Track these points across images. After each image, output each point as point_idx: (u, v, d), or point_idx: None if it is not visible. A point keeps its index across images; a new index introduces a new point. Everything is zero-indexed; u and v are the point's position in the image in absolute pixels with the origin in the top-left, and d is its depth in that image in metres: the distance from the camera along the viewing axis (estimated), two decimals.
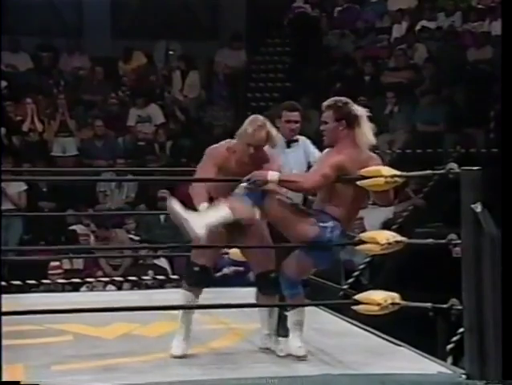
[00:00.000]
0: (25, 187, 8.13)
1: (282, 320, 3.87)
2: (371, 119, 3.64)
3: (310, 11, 10.89)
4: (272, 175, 3.47)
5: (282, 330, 3.86)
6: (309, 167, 4.21)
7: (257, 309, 3.85)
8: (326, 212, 3.52)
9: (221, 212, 3.41)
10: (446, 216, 6.89)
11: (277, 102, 10.66)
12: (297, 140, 4.27)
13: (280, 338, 3.78)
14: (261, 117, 3.73)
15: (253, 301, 3.85)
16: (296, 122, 4.23)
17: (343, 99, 3.63)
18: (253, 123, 3.65)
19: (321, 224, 3.49)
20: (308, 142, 4.37)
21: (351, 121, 3.54)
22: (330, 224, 3.49)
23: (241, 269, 6.43)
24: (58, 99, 9.44)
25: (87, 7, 10.90)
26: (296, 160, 4.23)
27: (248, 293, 4.03)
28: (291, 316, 3.66)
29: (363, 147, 3.55)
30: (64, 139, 9.07)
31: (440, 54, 9.69)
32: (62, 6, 10.83)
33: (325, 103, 3.63)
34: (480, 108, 8.60)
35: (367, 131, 3.54)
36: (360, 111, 3.57)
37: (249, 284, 4.59)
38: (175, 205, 3.39)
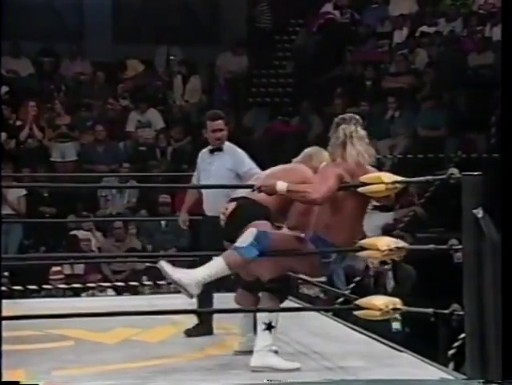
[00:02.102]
0: (24, 192, 8.12)
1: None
2: (372, 124, 3.65)
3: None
4: (281, 185, 3.46)
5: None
6: (237, 175, 4.27)
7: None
8: (328, 241, 3.49)
9: (216, 268, 3.36)
10: (447, 221, 6.89)
11: (278, 107, 10.70)
12: (221, 149, 4.39)
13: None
14: None
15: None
16: (221, 130, 4.40)
17: (344, 116, 3.64)
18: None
19: (323, 260, 3.50)
20: (240, 153, 4.42)
21: (337, 141, 3.56)
22: (333, 256, 3.51)
23: None
24: (58, 104, 9.45)
25: (89, 12, 10.92)
26: (218, 168, 4.35)
27: None
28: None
29: (356, 163, 3.54)
30: (63, 145, 9.07)
31: (441, 59, 9.69)
32: (63, 11, 10.85)
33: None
34: (481, 113, 8.60)
35: (356, 153, 3.52)
36: (348, 133, 3.56)
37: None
38: (165, 267, 3.34)
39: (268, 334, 3.47)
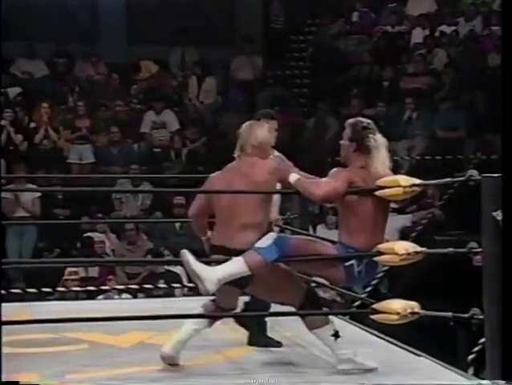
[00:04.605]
0: (39, 194, 8.16)
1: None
2: (389, 125, 3.63)
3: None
4: (293, 177, 3.48)
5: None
6: None
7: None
8: (348, 245, 3.47)
9: (236, 267, 3.35)
10: (467, 223, 6.86)
11: (294, 107, 10.70)
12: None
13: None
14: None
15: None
16: (275, 130, 4.16)
17: (366, 122, 3.57)
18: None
19: (346, 263, 3.47)
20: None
21: (363, 148, 3.50)
22: (354, 260, 3.48)
23: None
24: (77, 106, 9.50)
25: (103, 13, 10.97)
26: None
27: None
28: None
29: (374, 172, 3.50)
30: (81, 147, 9.11)
31: (460, 59, 9.65)
32: (77, 12, 10.90)
33: (348, 121, 3.62)
34: (501, 114, 8.54)
35: (377, 163, 3.48)
36: (376, 141, 3.50)
37: None
38: (189, 258, 3.34)
39: (340, 341, 3.50)
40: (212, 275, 3.32)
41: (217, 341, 4.04)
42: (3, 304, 2.84)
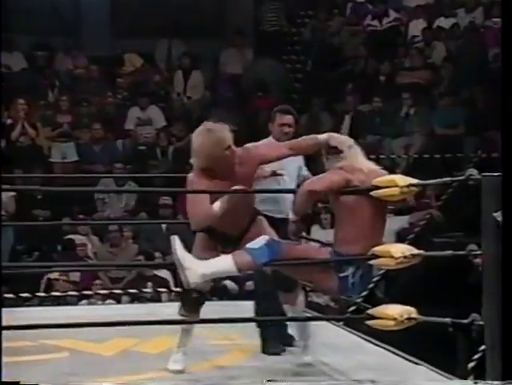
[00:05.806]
0: (13, 192, 8.11)
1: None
2: (386, 121, 3.67)
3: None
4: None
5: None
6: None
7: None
8: (344, 254, 3.49)
9: (224, 266, 3.37)
10: (466, 225, 6.89)
11: (286, 103, 10.66)
12: None
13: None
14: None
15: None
16: (290, 126, 4.24)
17: None
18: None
19: (340, 274, 3.48)
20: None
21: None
22: (350, 270, 3.49)
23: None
24: (57, 101, 9.47)
25: (86, 5, 10.93)
26: (292, 167, 4.22)
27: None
28: None
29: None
30: (64, 145, 9.08)
31: (460, 52, 9.69)
32: (58, 3, 10.86)
33: None
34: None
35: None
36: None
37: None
38: (177, 245, 3.37)
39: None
40: (196, 267, 3.33)
41: (203, 347, 4.04)
42: None
